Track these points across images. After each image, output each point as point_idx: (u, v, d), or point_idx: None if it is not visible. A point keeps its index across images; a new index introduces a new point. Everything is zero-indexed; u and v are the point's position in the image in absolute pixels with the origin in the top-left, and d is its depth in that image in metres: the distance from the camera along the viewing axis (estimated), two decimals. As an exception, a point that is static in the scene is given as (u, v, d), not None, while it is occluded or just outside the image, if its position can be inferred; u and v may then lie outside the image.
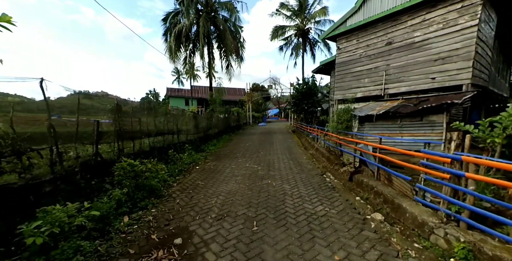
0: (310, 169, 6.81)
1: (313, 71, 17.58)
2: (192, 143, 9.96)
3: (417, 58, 7.36)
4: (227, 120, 18.10)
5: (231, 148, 10.85)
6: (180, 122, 9.22)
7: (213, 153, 9.49)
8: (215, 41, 18.85)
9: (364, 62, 8.84)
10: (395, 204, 3.90)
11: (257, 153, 9.37)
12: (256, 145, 11.94)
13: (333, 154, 8.55)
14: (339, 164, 7.35)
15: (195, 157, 8.00)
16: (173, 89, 42.82)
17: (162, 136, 7.65)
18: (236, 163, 7.58)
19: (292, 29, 26.49)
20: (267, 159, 8.20)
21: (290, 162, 7.68)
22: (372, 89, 8.62)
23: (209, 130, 13.22)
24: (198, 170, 6.65)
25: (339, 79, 9.90)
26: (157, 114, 7.27)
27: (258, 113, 40.72)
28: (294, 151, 10.02)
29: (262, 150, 10.28)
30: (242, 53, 18.32)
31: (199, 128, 11.43)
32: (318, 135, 12.33)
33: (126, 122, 5.84)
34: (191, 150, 8.81)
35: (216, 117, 16.07)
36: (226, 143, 12.73)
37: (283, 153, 9.50)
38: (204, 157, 8.59)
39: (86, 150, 4.59)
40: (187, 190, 4.92)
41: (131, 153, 5.81)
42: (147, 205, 3.93)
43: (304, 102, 19.07)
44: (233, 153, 9.54)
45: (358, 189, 5.22)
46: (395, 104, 6.96)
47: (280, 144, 12.21)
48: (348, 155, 7.66)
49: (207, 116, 12.82)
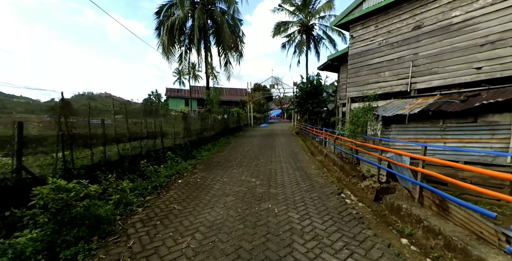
0: (322, 185, 5.33)
1: (319, 68, 16.13)
2: (182, 149, 8.55)
3: (455, 44, 5.87)
4: (225, 122, 16.70)
5: (227, 154, 9.42)
6: (164, 124, 7.82)
7: (204, 161, 8.06)
8: (212, 37, 17.49)
9: (384, 52, 7.36)
10: (471, 256, 2.42)
11: (257, 161, 7.91)
12: (256, 150, 10.48)
13: (348, 163, 7.07)
14: (357, 177, 5.87)
15: (181, 167, 6.57)
16: (172, 90, 41.67)
17: (139, 141, 6.25)
18: (229, 174, 6.14)
19: (295, 25, 25.06)
20: (268, 169, 6.74)
21: (296, 174, 6.21)
22: (395, 84, 7.14)
23: (204, 133, 11.82)
24: (180, 186, 5.21)
25: (352, 73, 8.42)
26: (130, 114, 5.88)
27: (260, 113, 39.30)
28: (299, 158, 8.54)
29: (262, 156, 8.83)
30: (242, 49, 16.92)
31: (191, 130, 10.04)
32: (326, 138, 10.85)
33: (80, 124, 4.45)
34: (178, 158, 7.40)
35: (213, 118, 14.67)
36: (222, 148, 11.30)
37: (287, 160, 8.03)
38: (192, 166, 7.16)
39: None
40: (153, 219, 3.49)
41: (88, 165, 4.41)
42: (76, 255, 2.50)
43: (309, 102, 17.57)
44: (229, 160, 8.10)
45: (394, 218, 3.74)
46: (430, 101, 5.48)
47: (283, 149, 10.74)
48: (367, 164, 6.19)
49: (201, 117, 11.42)
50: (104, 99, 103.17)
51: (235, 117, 21.55)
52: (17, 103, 5.26)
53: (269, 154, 9.22)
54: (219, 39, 15.14)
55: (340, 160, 7.38)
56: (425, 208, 3.67)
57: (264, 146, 11.60)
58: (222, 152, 9.88)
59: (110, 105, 5.27)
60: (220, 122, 16.08)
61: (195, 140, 10.29)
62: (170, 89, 41.62)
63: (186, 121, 9.20)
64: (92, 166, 4.46)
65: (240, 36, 16.45)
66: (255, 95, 33.89)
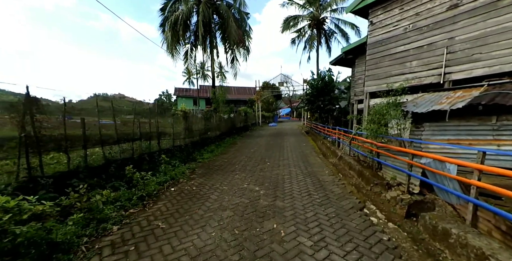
0: (339, 196, 4.45)
1: (331, 62, 15.04)
2: (182, 150, 7.90)
3: (504, 23, 4.76)
4: (231, 121, 15.99)
5: (231, 156, 8.67)
6: (162, 124, 7.19)
7: (205, 164, 7.35)
8: (218, 34, 16.81)
9: (411, 38, 6.30)
10: None
11: (262, 164, 7.10)
12: (262, 151, 9.67)
13: (367, 167, 6.12)
14: (380, 185, 4.94)
15: (177, 171, 5.88)
16: (181, 89, 41.59)
17: (130, 143, 5.61)
18: (230, 181, 5.37)
19: (305, 19, 23.91)
20: (274, 174, 5.91)
21: (307, 181, 5.35)
22: (424, 75, 6.07)
23: (208, 133, 11.15)
24: (171, 195, 4.51)
25: (371, 65, 7.39)
26: (117, 112, 5.24)
27: (269, 112, 38.38)
28: (310, 161, 7.64)
29: (269, 158, 8.00)
30: (249, 44, 16.10)
31: (193, 131, 9.38)
32: (339, 138, 9.86)
33: (55, 124, 3.84)
34: (176, 161, 6.74)
35: (218, 118, 13.99)
36: (227, 149, 10.58)
37: (297, 164, 7.16)
38: (191, 170, 6.47)
39: None
40: (128, 243, 2.78)
41: (63, 172, 3.79)
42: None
43: (320, 99, 16.51)
44: (232, 163, 7.35)
45: (439, 246, 2.85)
46: (475, 93, 4.42)
47: (293, 150, 9.86)
48: (392, 170, 5.22)
49: (205, 117, 10.75)
50: (117, 99, 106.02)
51: (242, 116, 20.82)
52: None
53: (277, 156, 8.38)
54: (225, 34, 14.41)
55: (357, 163, 6.44)
56: (483, 234, 2.73)
57: (271, 147, 10.77)
58: (226, 154, 9.15)
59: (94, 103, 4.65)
60: (226, 121, 15.38)
61: (197, 141, 9.63)
62: (179, 88, 41.56)
63: (187, 120, 8.54)
64: (68, 173, 3.84)
65: (247, 30, 15.65)
66: (264, 94, 32.98)
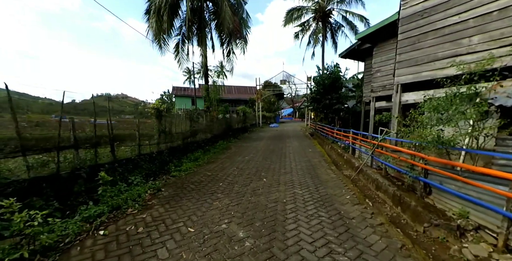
0: (384, 254, 2.50)
1: (340, 54, 13.08)
2: (152, 160, 6.02)
3: None
4: (227, 122, 14.09)
5: (218, 167, 6.76)
6: (120, 124, 5.33)
7: (179, 180, 5.45)
8: (214, 24, 14.97)
9: (470, 3, 4.36)
10: None
11: (257, 181, 5.18)
12: (259, 159, 7.75)
13: (407, 189, 4.23)
14: (445, 228, 3.05)
15: (128, 195, 3.99)
16: (179, 88, 39.93)
17: (55, 152, 3.75)
18: (204, 214, 3.47)
19: (310, 12, 21.98)
20: (271, 202, 3.97)
21: (321, 215, 3.40)
22: (495, 54, 4.11)
23: (194, 136, 9.27)
24: (92, 247, 2.63)
25: (406, 46, 5.44)
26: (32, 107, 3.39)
27: (270, 112, 36.45)
28: (321, 175, 5.71)
29: (266, 171, 6.09)
30: (246, 34, 14.18)
31: (173, 134, 7.51)
32: (353, 143, 7.96)
33: None
34: (137, 176, 4.87)
35: (210, 118, 12.13)
36: (216, 155, 8.68)
37: (303, 180, 5.23)
38: (154, 190, 4.57)
39: None
40: None
41: None
42: None
43: (328, 97, 14.56)
44: (215, 179, 5.44)
45: None
46: None
47: (297, 158, 7.93)
48: (454, 198, 3.32)
49: (190, 117, 8.86)
50: (120, 99, 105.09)
51: (240, 116, 18.93)
52: None
53: (277, 168, 6.46)
54: (219, 21, 12.53)
55: (388, 182, 4.54)
56: None
57: (271, 154, 8.84)
58: (212, 164, 7.24)
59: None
60: (220, 122, 13.50)
61: (179, 147, 7.75)
62: (177, 87, 39.92)
63: (163, 121, 6.66)
64: None
65: (244, 18, 13.75)
66: (265, 93, 31.06)
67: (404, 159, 4.40)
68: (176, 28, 14.45)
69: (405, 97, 5.49)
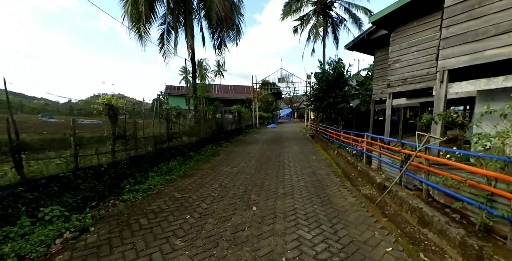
0: None
1: (346, 46, 11.39)
2: (99, 176, 4.33)
3: None
4: (217, 123, 12.37)
5: (194, 185, 5.06)
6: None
7: (130, 207, 3.74)
8: (204, 14, 13.28)
9: None
10: None
11: (242, 211, 3.50)
12: (251, 172, 6.07)
13: (487, 238, 2.55)
14: None
15: (21, 244, 2.32)
16: (172, 87, 38.17)
17: None
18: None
19: (310, 4, 20.41)
20: (260, 260, 2.32)
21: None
22: None
23: (171, 141, 7.56)
24: None
25: (458, 14, 3.81)
26: None
27: (268, 113, 34.77)
28: (335, 200, 4.03)
29: (259, 193, 4.40)
30: (239, 22, 12.47)
31: (138, 139, 5.82)
32: (369, 150, 6.37)
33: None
34: (57, 207, 3.18)
35: (196, 118, 10.43)
36: (198, 165, 6.98)
37: (310, 211, 3.54)
38: (77, 229, 2.89)
39: None
40: None
41: None
42: None
43: (331, 95, 12.94)
44: (182, 206, 3.75)
45: None
46: None
47: (298, 170, 6.25)
48: None
49: (166, 117, 7.14)
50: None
51: (235, 116, 17.22)
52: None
53: (273, 187, 4.78)
54: (206, 5, 10.84)
55: (442, 215, 2.90)
56: None
57: (266, 163, 7.17)
58: (189, 178, 5.53)
59: None
60: (210, 123, 11.79)
61: (148, 154, 6.06)
62: (170, 86, 38.17)
63: (117, 122, 4.95)
64: None
65: (236, 4, 12.05)
66: (262, 92, 29.37)
67: (473, 183, 2.77)
68: (160, 16, 12.79)
69: (455, 88, 3.85)
